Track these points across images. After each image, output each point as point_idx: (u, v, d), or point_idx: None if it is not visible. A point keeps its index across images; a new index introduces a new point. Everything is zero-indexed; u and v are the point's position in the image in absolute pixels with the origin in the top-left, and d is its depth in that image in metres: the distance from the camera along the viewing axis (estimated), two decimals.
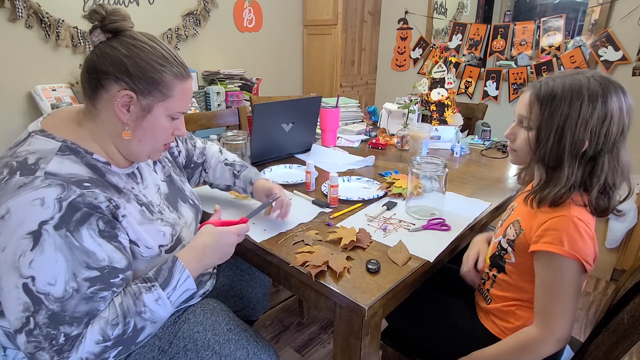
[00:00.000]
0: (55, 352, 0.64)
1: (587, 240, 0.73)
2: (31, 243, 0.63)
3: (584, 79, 0.74)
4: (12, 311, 0.64)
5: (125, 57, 0.72)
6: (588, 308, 1.99)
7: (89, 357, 0.66)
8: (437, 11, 3.36)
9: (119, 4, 2.43)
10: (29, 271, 0.63)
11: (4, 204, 0.63)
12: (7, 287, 0.64)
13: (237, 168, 1.15)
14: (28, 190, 0.64)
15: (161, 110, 0.76)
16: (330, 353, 1.67)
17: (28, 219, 0.63)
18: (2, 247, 0.63)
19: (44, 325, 0.64)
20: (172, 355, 0.84)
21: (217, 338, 0.86)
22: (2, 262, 0.64)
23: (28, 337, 0.63)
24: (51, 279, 0.64)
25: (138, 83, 0.72)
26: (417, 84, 2.03)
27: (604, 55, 2.55)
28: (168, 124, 0.79)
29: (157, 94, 0.74)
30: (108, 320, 0.68)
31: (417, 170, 1.06)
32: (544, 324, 0.76)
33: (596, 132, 0.72)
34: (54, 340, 0.64)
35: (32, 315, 0.63)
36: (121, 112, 0.73)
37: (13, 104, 2.12)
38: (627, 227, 2.03)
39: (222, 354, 0.85)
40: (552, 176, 0.78)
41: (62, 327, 0.64)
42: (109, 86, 0.72)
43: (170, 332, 0.86)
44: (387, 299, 0.78)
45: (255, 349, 0.89)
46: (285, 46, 3.49)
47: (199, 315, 0.89)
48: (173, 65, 0.76)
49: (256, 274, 1.22)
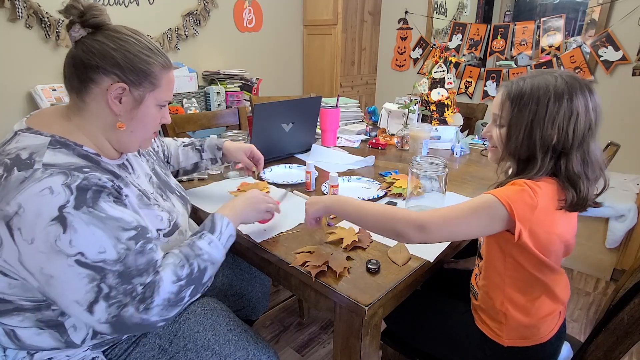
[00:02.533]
0: (138, 302, 0.67)
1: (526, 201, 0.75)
2: (60, 227, 0.63)
3: (552, 79, 0.78)
4: (77, 288, 0.64)
5: (114, 50, 0.73)
6: (588, 308, 1.99)
7: (170, 297, 0.70)
8: (437, 11, 3.36)
9: (119, 4, 2.43)
10: (74, 249, 0.63)
11: (12, 200, 0.63)
12: (59, 271, 0.64)
13: (197, 144, 1.18)
14: (32, 182, 0.64)
15: (151, 100, 0.78)
16: (330, 353, 1.67)
17: (44, 208, 0.63)
18: (29, 240, 0.63)
19: (118, 284, 0.65)
20: (172, 354, 0.84)
21: (217, 338, 0.87)
22: (37, 253, 0.63)
23: (108, 301, 0.65)
24: (100, 248, 0.65)
25: (129, 75, 0.74)
26: (417, 84, 2.03)
27: (604, 55, 2.56)
28: (157, 113, 0.81)
29: (147, 85, 0.76)
30: (175, 264, 0.73)
31: (417, 170, 1.06)
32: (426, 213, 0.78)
33: (563, 128, 0.76)
34: (133, 292, 0.66)
35: (101, 281, 0.64)
36: (114, 104, 0.74)
37: (13, 104, 2.12)
38: (627, 227, 2.03)
39: (222, 355, 0.85)
40: (524, 168, 0.82)
41: (135, 280, 0.67)
42: (99, 80, 0.73)
43: (171, 331, 0.86)
44: (387, 299, 0.78)
45: (255, 350, 0.89)
46: (285, 46, 3.49)
47: (199, 315, 0.89)
48: (158, 56, 0.78)
49: (256, 274, 1.22)
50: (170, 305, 0.71)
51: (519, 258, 0.82)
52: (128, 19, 2.49)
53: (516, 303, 0.85)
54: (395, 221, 0.78)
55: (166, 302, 0.70)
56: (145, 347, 0.84)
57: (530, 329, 0.86)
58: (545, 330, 0.87)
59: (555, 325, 0.89)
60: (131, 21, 2.50)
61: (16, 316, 0.72)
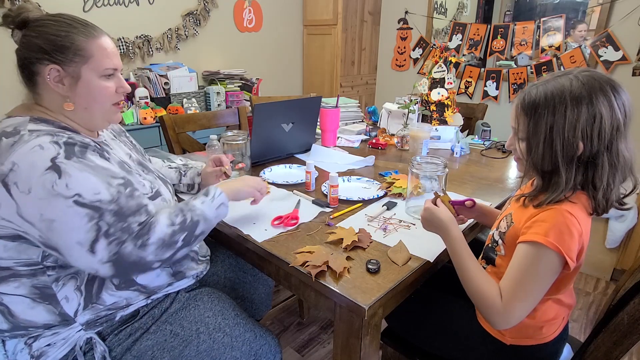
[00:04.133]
0: (135, 238, 0.71)
1: (574, 235, 0.72)
2: (55, 174, 0.67)
3: (567, 82, 0.72)
4: (78, 228, 0.67)
5: (36, 38, 0.77)
6: (588, 308, 1.99)
7: (165, 238, 0.75)
8: (437, 11, 3.36)
9: (119, 4, 2.43)
10: (71, 191, 0.67)
11: (5, 160, 0.67)
12: (59, 213, 0.67)
13: (183, 169, 1.20)
14: (21, 144, 0.68)
15: (89, 72, 0.79)
16: (330, 353, 1.66)
17: (37, 161, 0.67)
18: (26, 191, 0.66)
19: (115, 222, 0.70)
20: (185, 337, 0.87)
21: (227, 322, 0.91)
22: (35, 200, 0.66)
23: (108, 239, 0.69)
24: (94, 189, 0.69)
25: (55, 55, 0.76)
26: (417, 84, 2.03)
27: (604, 55, 2.56)
28: (105, 83, 0.82)
29: (77, 59, 0.78)
30: (170, 212, 0.79)
31: (417, 170, 1.06)
32: (504, 303, 0.75)
33: (588, 133, 0.71)
34: (130, 229, 0.71)
35: (99, 220, 0.68)
36: (57, 87, 0.78)
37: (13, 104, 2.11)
38: (627, 227, 2.03)
39: (232, 335, 0.90)
40: (550, 181, 0.77)
41: (130, 218, 0.72)
42: (37, 69, 0.77)
43: (181, 317, 0.89)
44: (387, 299, 0.78)
45: (261, 332, 0.96)
46: (285, 46, 3.49)
47: (207, 302, 0.93)
48: (78, 29, 0.79)
49: (259, 275, 1.22)
50: (164, 246, 0.75)
51: None
52: (128, 19, 2.49)
53: None
54: (482, 306, 0.78)
55: (161, 242, 0.75)
56: (156, 334, 0.86)
57: (534, 330, 0.86)
58: (549, 331, 0.87)
59: (559, 327, 0.89)
60: (131, 21, 2.51)
61: (12, 282, 0.74)
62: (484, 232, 1.22)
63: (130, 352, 0.84)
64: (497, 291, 0.76)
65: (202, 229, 0.83)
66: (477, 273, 0.80)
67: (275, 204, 1.15)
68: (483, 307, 0.78)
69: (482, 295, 0.78)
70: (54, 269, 0.76)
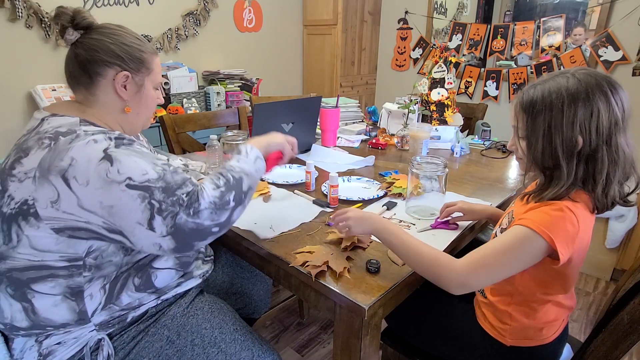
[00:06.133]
0: (186, 208, 0.74)
1: (568, 229, 0.72)
2: (107, 162, 0.72)
3: (564, 80, 0.74)
4: (135, 209, 0.72)
5: (112, 44, 0.82)
6: (588, 308, 1.99)
7: (215, 201, 0.77)
8: (437, 11, 3.36)
9: (119, 4, 2.43)
10: (122, 176, 0.71)
11: (65, 157, 0.71)
12: (116, 198, 0.71)
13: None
14: (78, 140, 0.73)
15: (149, 83, 0.89)
16: (330, 353, 1.66)
17: (92, 154, 0.72)
18: (85, 183, 0.70)
19: (165, 198, 0.73)
20: (180, 347, 0.86)
21: (224, 337, 0.89)
22: (93, 190, 0.70)
23: (162, 214, 0.73)
24: (142, 171, 0.74)
25: (129, 64, 0.84)
26: (417, 84, 2.03)
27: (604, 55, 2.56)
28: (155, 94, 0.92)
29: (144, 70, 0.87)
30: (212, 178, 0.82)
31: (417, 170, 1.06)
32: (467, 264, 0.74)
33: (586, 128, 0.72)
34: (179, 201, 0.74)
35: (151, 198, 0.73)
36: (122, 91, 0.84)
37: (13, 104, 2.12)
38: (627, 227, 2.03)
39: (227, 353, 0.88)
40: (552, 177, 0.78)
41: (177, 191, 0.75)
42: (104, 72, 0.82)
43: (179, 324, 0.88)
44: (387, 299, 0.78)
45: (260, 352, 0.92)
46: (285, 46, 3.49)
47: (207, 313, 0.92)
48: (147, 45, 0.88)
49: (256, 272, 1.22)
50: (217, 209, 0.77)
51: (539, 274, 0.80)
52: (128, 19, 2.49)
53: (523, 308, 0.85)
54: (438, 271, 0.76)
55: (213, 206, 0.76)
56: (154, 337, 0.86)
57: (534, 331, 0.86)
58: (549, 332, 0.87)
59: (559, 328, 0.89)
60: (131, 21, 2.50)
61: (49, 282, 0.75)
62: (484, 232, 1.23)
63: (129, 357, 0.84)
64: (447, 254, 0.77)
65: (248, 184, 0.85)
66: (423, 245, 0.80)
67: (276, 204, 1.15)
68: (440, 268, 0.76)
69: (437, 259, 0.76)
70: (90, 269, 0.77)
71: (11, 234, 0.73)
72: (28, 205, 0.71)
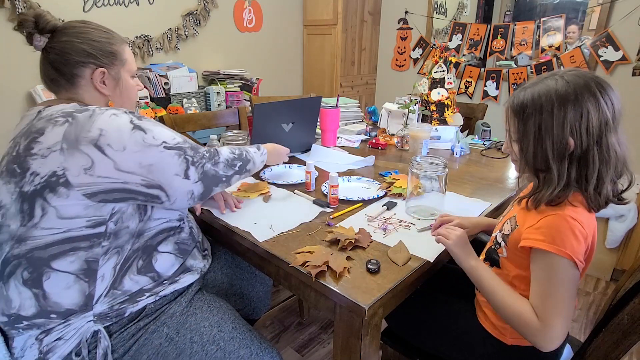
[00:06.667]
0: (209, 159, 0.91)
1: (579, 239, 0.73)
2: (141, 131, 0.79)
3: (553, 83, 0.75)
4: (174, 163, 0.83)
5: (82, 44, 0.85)
6: (588, 308, 1.99)
7: (228, 159, 0.96)
8: (437, 11, 3.36)
9: (119, 4, 2.43)
10: (158, 140, 0.81)
11: (92, 128, 0.76)
12: (156, 157, 0.80)
13: None
14: (98, 115, 0.78)
15: (125, 74, 0.93)
16: (330, 353, 1.66)
17: (121, 124, 0.78)
18: (121, 148, 0.77)
19: (193, 153, 0.87)
20: (179, 345, 0.87)
21: (223, 335, 0.90)
22: (132, 154, 0.77)
23: (195, 165, 0.86)
24: (171, 136, 0.84)
25: (103, 59, 0.87)
26: (417, 84, 2.03)
27: (604, 55, 2.56)
28: (134, 83, 0.98)
29: (117, 62, 0.90)
30: (230, 147, 1.01)
31: (417, 170, 1.06)
32: (541, 320, 0.75)
33: (577, 130, 0.73)
34: (204, 155, 0.90)
35: (185, 154, 0.85)
36: (102, 88, 0.89)
37: (13, 104, 2.12)
38: (627, 227, 2.03)
39: (226, 350, 0.88)
40: (544, 179, 0.79)
41: (200, 149, 0.90)
42: (81, 73, 0.86)
43: (178, 322, 0.89)
44: (387, 299, 0.78)
45: (258, 350, 0.92)
46: (285, 46, 3.49)
47: (206, 311, 0.92)
48: (114, 36, 0.91)
49: (256, 273, 1.22)
50: (228, 165, 0.95)
51: None
52: (128, 19, 2.49)
53: None
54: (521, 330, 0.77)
55: (226, 162, 0.95)
56: (153, 335, 0.86)
57: None
58: None
59: None
60: (131, 21, 2.51)
61: (70, 256, 0.78)
62: None
63: (128, 354, 0.84)
64: (530, 309, 0.76)
65: (250, 167, 1.03)
66: (508, 296, 0.80)
67: (276, 204, 1.15)
68: (522, 330, 0.78)
69: (519, 317, 0.77)
70: (109, 237, 0.81)
71: (34, 210, 0.75)
72: (57, 176, 0.74)
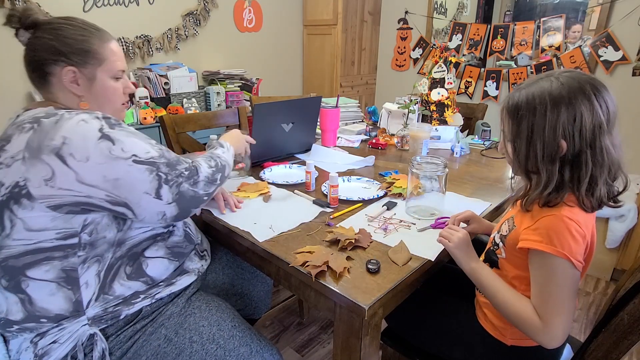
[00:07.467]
0: (187, 178, 0.84)
1: (577, 238, 0.73)
2: (109, 141, 0.74)
3: (547, 84, 0.74)
4: (143, 180, 0.77)
5: (52, 40, 0.81)
6: (588, 308, 1.99)
7: (208, 176, 0.90)
8: (437, 11, 3.36)
9: (119, 4, 2.43)
10: (127, 153, 0.76)
11: (55, 136, 0.71)
12: (123, 172, 0.75)
13: None
14: (65, 121, 0.73)
15: (103, 74, 0.86)
16: (330, 353, 1.66)
17: (87, 132, 0.73)
18: (84, 159, 0.72)
19: (169, 170, 0.81)
20: (178, 345, 0.86)
21: (222, 333, 0.90)
22: (95, 166, 0.73)
23: (168, 184, 0.80)
24: (144, 149, 0.79)
25: (73, 57, 0.82)
26: (417, 84, 2.03)
27: (604, 55, 2.56)
28: (116, 84, 0.89)
29: (92, 62, 0.84)
30: (204, 158, 0.94)
31: (417, 170, 1.06)
32: (542, 319, 0.76)
33: (569, 132, 0.72)
34: (181, 174, 0.83)
35: (157, 171, 0.79)
36: (73, 87, 0.83)
37: (13, 104, 2.12)
38: (627, 227, 2.03)
39: (226, 349, 0.88)
40: (534, 181, 0.79)
41: (178, 167, 0.84)
42: (52, 70, 0.81)
43: (177, 323, 0.88)
44: (387, 299, 0.78)
45: (258, 347, 0.92)
46: (285, 46, 3.49)
47: (205, 311, 0.92)
48: (93, 33, 0.85)
49: (257, 273, 1.22)
50: (209, 182, 0.89)
51: None
52: (128, 19, 2.49)
53: None
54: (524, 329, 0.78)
55: (206, 179, 0.89)
56: (151, 337, 0.86)
57: None
58: None
59: None
60: (131, 21, 2.51)
61: (44, 266, 0.76)
62: None
63: (126, 356, 0.84)
64: (531, 308, 0.77)
65: (227, 172, 0.99)
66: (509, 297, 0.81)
67: (276, 204, 1.15)
68: (524, 329, 0.78)
69: (520, 317, 0.78)
70: (85, 247, 0.78)
71: (4, 221, 0.74)
72: (19, 187, 0.71)
